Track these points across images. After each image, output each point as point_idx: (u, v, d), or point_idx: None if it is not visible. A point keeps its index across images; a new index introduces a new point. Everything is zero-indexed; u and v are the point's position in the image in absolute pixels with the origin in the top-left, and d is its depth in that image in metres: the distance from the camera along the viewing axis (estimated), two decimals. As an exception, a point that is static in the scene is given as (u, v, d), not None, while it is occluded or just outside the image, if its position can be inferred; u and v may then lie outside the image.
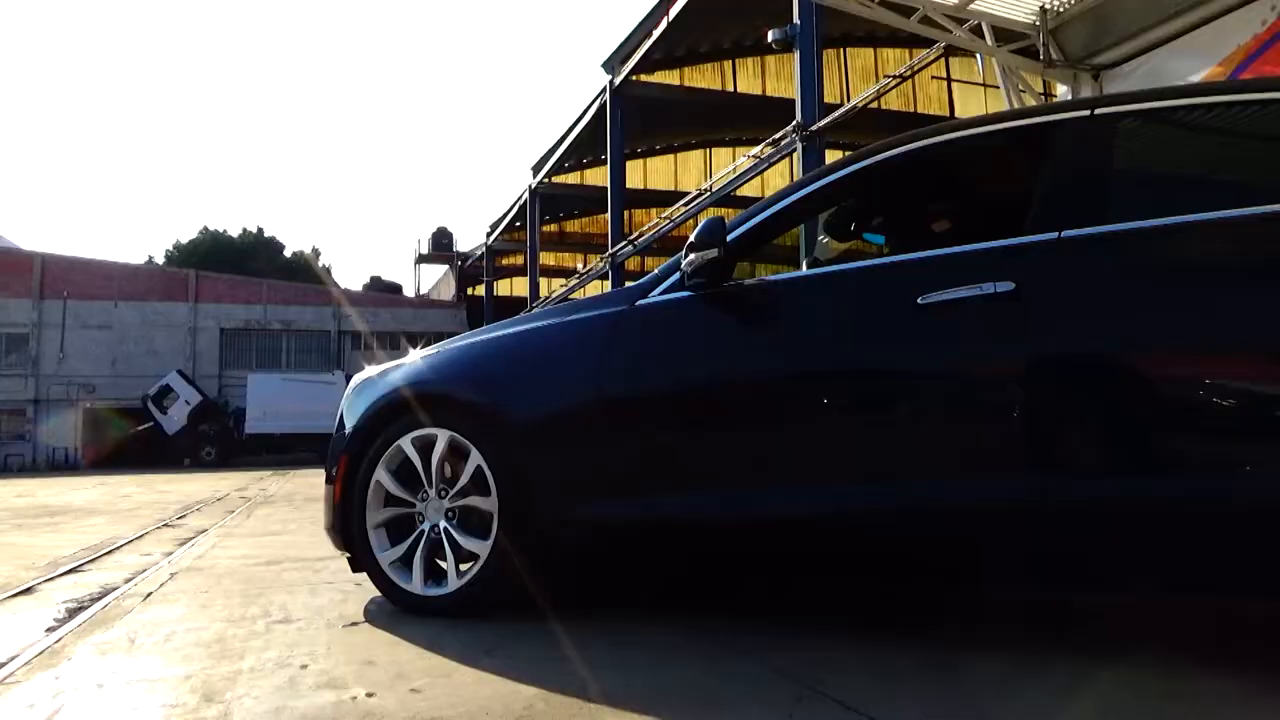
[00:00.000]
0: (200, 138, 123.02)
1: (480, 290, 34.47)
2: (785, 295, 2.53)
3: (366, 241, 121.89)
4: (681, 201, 18.58)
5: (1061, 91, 7.16)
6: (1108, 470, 2.06)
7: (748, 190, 17.17)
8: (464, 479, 2.69)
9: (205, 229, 48.44)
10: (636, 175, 24.08)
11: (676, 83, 19.83)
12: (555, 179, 24.87)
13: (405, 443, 2.80)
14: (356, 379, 3.20)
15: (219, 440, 28.64)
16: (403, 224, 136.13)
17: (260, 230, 49.67)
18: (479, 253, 33.85)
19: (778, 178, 17.95)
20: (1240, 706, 1.77)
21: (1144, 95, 2.36)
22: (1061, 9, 6.83)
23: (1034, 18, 6.91)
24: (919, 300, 2.21)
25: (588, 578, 3.19)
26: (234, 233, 48.72)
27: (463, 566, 2.68)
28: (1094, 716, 1.74)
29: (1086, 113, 2.32)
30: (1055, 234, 2.16)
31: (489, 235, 31.48)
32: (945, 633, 2.53)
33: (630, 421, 2.57)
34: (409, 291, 43.32)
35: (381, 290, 43.17)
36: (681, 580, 3.27)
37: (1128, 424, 2.05)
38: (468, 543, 2.66)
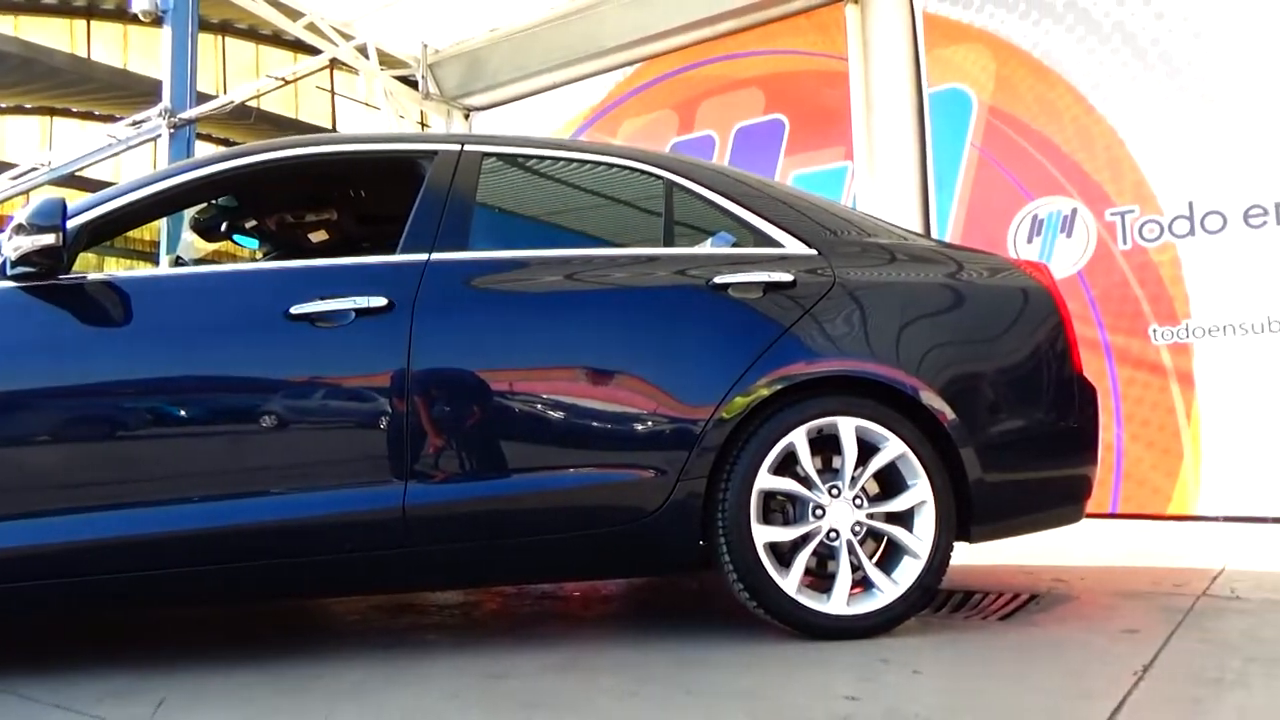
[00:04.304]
0: None
1: None
2: (139, 295, 2.24)
3: None
4: (9, 174, 15.54)
5: (436, 123, 7.68)
6: (461, 475, 2.25)
7: (99, 172, 15.04)
8: None
9: None
10: (-53, 134, 19.49)
11: (10, 32, 16.58)
12: None
13: None
14: None
15: None
16: None
17: None
18: None
19: (137, 164, 16.07)
20: (557, 674, 2.07)
21: (505, 139, 2.66)
22: (440, 49, 7.33)
23: (416, 51, 7.30)
24: (291, 310, 2.17)
25: None
26: None
27: None
28: (440, 704, 1.86)
29: (457, 147, 2.53)
30: (426, 256, 2.32)
31: None
32: (294, 646, 2.49)
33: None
34: None
35: None
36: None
37: (481, 433, 2.27)
38: None
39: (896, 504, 2.35)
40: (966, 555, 2.70)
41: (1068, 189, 4.94)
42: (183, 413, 2.18)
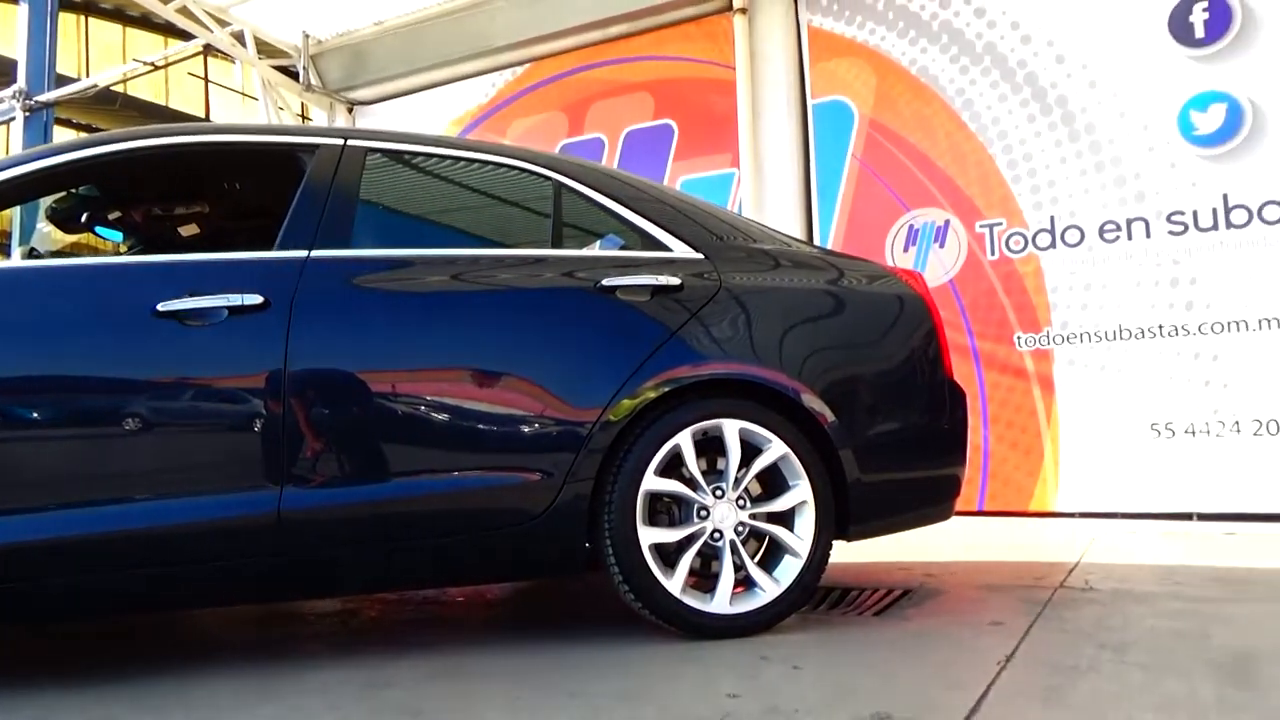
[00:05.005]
0: None
1: None
2: (-13, 288, 2.10)
3: None
4: None
5: (317, 117, 7.45)
6: (341, 479, 2.19)
7: (-54, 156, 13.99)
8: None
9: None
10: None
11: None
12: None
13: None
14: None
15: None
16: None
17: None
18: None
19: (-10, 147, 15.00)
20: (440, 681, 2.03)
21: (390, 135, 2.60)
22: (322, 39, 7.11)
23: (297, 40, 7.06)
24: (158, 307, 2.07)
25: None
26: None
27: None
28: (320, 716, 1.81)
29: (340, 141, 2.46)
30: (305, 253, 2.24)
31: None
32: (160, 660, 2.37)
33: None
34: None
35: None
36: None
37: (362, 435, 2.21)
38: None
39: (778, 504, 2.40)
40: (844, 553, 2.78)
41: (941, 201, 5.16)
42: (36, 415, 2.04)
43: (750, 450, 2.39)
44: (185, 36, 7.32)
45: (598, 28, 6.22)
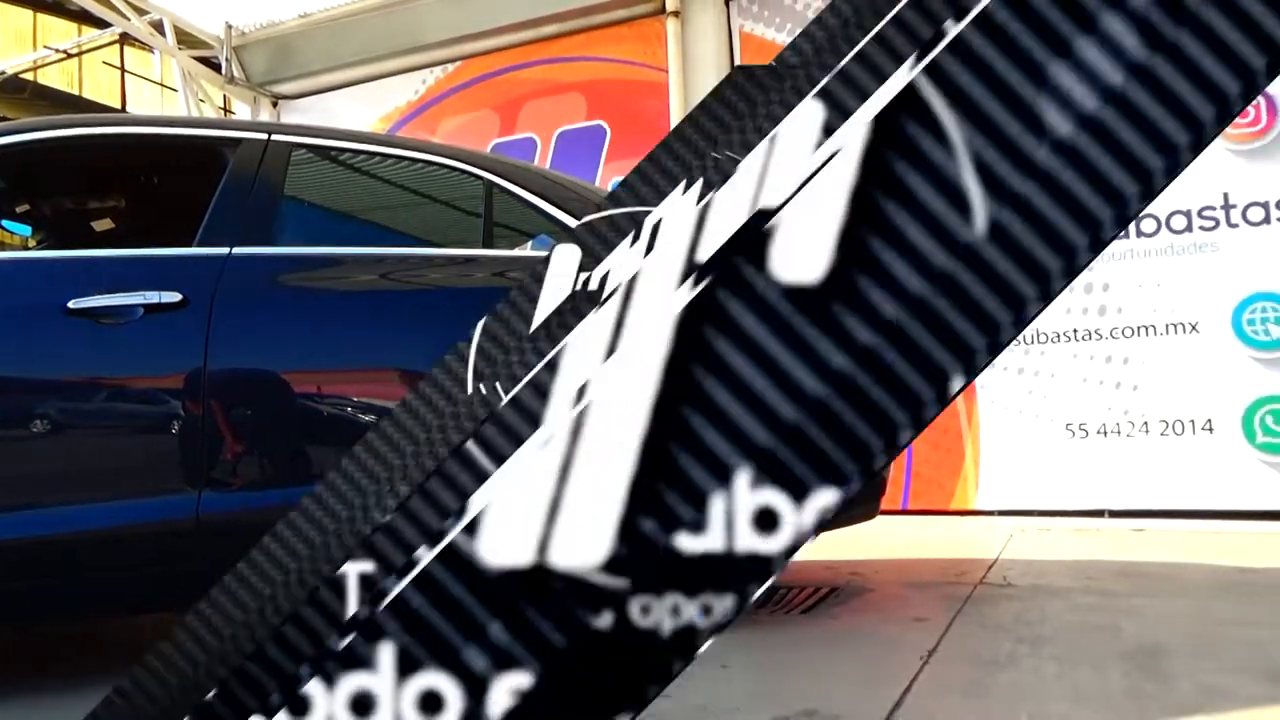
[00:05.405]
0: None
1: None
2: (-116, 282, 2.00)
3: None
4: None
5: (240, 110, 7.25)
6: (262, 482, 2.14)
7: None
8: None
9: None
10: None
11: None
12: None
13: None
14: None
15: None
16: None
17: None
18: None
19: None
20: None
21: (316, 131, 2.55)
22: (246, 30, 6.93)
23: (219, 30, 6.87)
24: (69, 304, 1.99)
25: None
26: None
27: None
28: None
29: (264, 136, 2.40)
30: (227, 249, 2.18)
31: None
32: (54, 674, 2.29)
33: None
34: None
35: None
36: None
37: (284, 438, 2.17)
38: None
39: (709, 505, 2.42)
40: (773, 553, 2.81)
41: (868, 206, 5.27)
42: (-64, 416, 1.95)
43: (681, 451, 2.40)
44: (101, 24, 7.05)
45: (529, 27, 6.19)
